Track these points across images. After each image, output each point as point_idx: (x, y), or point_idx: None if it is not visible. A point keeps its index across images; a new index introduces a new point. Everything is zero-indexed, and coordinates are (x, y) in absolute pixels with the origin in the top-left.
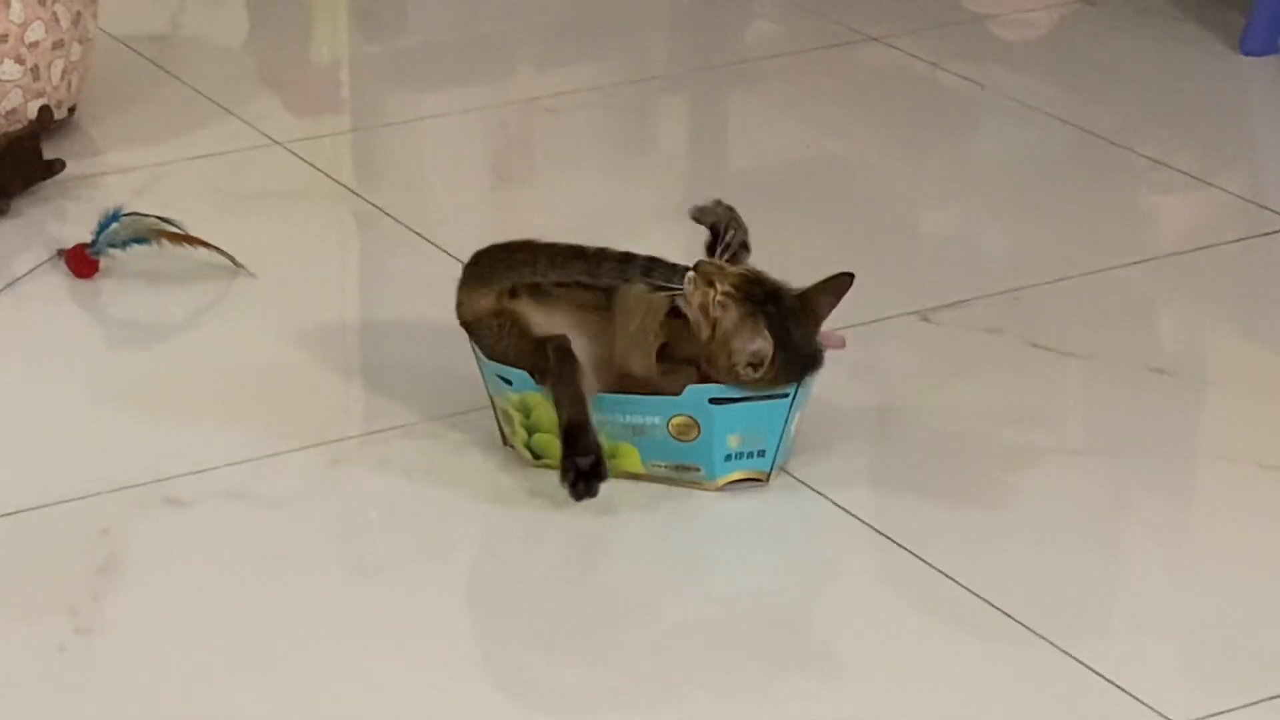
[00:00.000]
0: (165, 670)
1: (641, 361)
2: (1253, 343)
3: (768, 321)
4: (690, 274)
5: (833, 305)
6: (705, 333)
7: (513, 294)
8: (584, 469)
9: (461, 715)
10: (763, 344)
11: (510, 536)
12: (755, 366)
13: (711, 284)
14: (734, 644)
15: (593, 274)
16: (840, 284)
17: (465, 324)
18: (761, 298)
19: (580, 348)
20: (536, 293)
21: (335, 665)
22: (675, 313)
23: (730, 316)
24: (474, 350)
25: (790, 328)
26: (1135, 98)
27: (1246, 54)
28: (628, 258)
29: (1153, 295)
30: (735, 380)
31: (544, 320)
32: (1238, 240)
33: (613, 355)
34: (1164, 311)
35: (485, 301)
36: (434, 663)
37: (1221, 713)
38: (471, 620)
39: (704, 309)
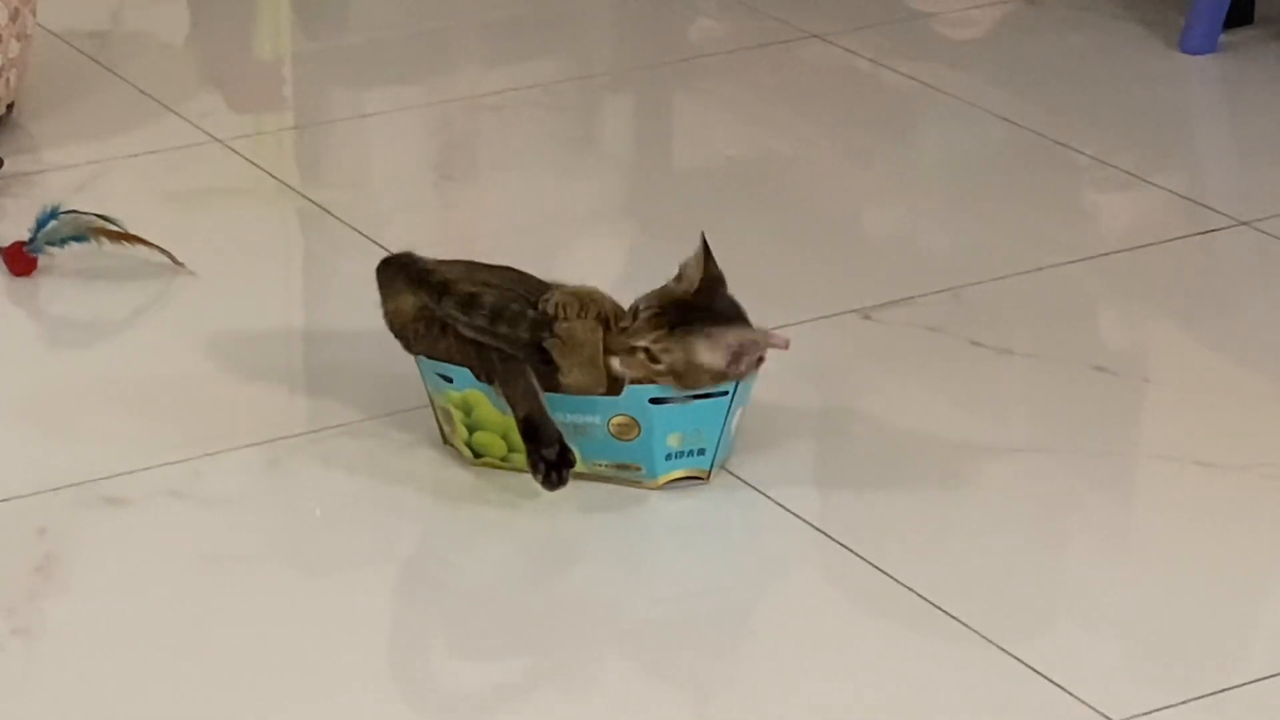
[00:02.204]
0: (104, 670)
1: (595, 381)
2: (1193, 340)
3: (703, 323)
4: (613, 359)
5: (712, 259)
6: (671, 382)
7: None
8: (551, 459)
9: (404, 715)
10: (721, 352)
11: (452, 536)
12: (739, 355)
13: (633, 350)
14: (675, 642)
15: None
16: (702, 247)
17: (396, 331)
18: (678, 316)
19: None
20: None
21: (277, 665)
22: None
23: (677, 354)
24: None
25: (716, 310)
26: (1076, 96)
27: (1186, 53)
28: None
29: (1093, 293)
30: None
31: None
32: (1178, 238)
33: (559, 378)
34: (1105, 309)
35: (406, 303)
36: (376, 662)
37: (1159, 709)
38: (413, 619)
39: (651, 376)
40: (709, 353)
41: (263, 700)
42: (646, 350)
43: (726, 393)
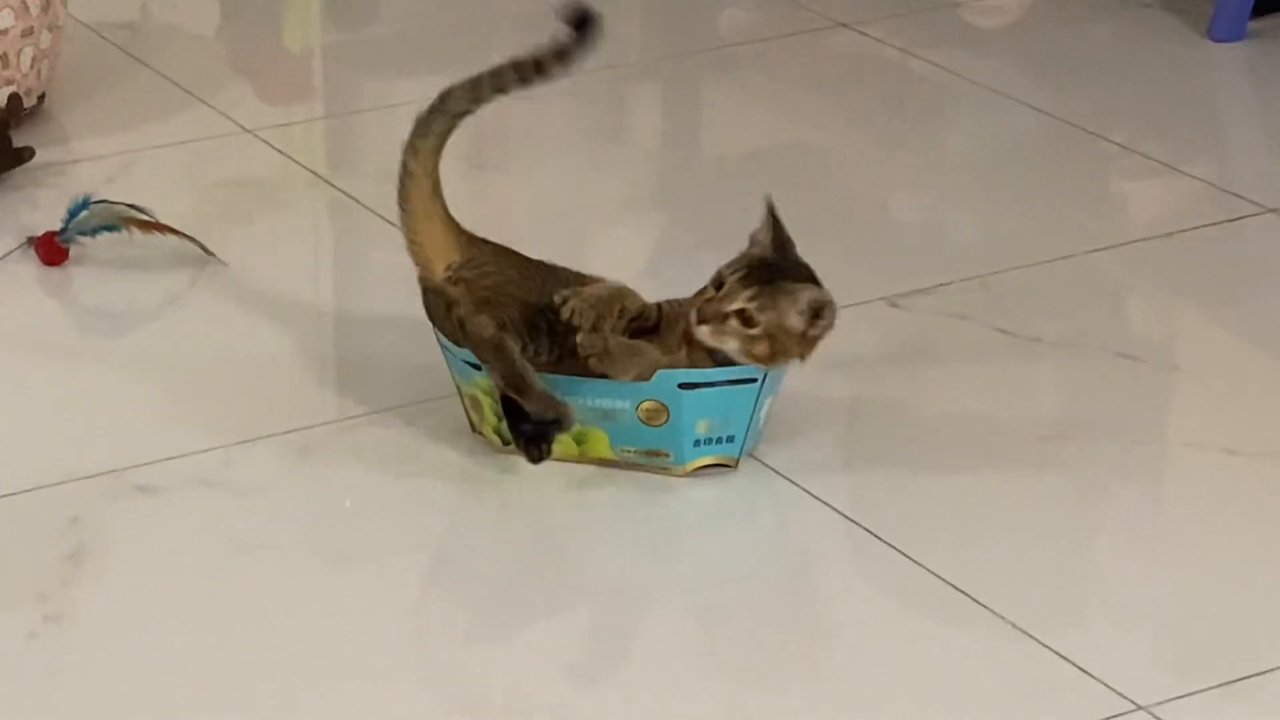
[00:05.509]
0: (135, 657)
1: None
2: (1221, 328)
3: (787, 279)
4: (704, 329)
5: (780, 224)
6: (765, 349)
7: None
8: (529, 434)
9: (432, 703)
10: (803, 311)
11: (481, 523)
12: (818, 314)
13: (726, 317)
14: (703, 631)
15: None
16: (769, 213)
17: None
18: (764, 276)
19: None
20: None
21: (306, 652)
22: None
23: (771, 313)
24: (438, 338)
25: (795, 270)
26: (1105, 84)
27: (1215, 40)
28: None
29: (1122, 281)
30: (811, 348)
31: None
32: (1206, 226)
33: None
34: (1133, 297)
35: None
36: (404, 650)
37: (1188, 695)
38: (441, 606)
39: (749, 346)
40: (793, 312)
41: (291, 686)
42: (741, 313)
43: (756, 379)
